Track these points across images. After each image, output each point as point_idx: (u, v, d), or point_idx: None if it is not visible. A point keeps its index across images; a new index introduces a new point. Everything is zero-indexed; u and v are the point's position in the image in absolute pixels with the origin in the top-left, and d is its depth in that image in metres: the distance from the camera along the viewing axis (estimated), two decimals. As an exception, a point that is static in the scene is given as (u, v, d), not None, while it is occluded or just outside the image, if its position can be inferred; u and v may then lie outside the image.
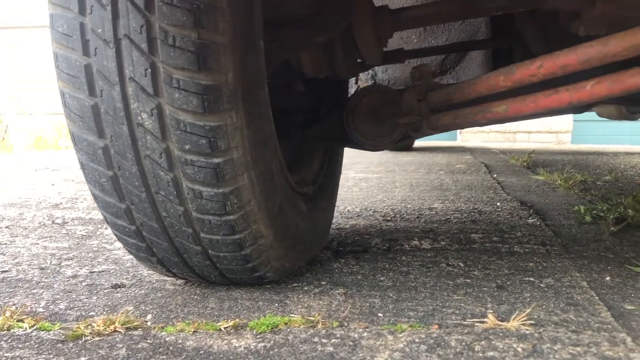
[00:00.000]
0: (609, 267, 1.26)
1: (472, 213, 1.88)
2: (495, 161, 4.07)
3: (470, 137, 8.96)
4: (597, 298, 1.05)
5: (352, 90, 1.92)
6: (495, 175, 3.12)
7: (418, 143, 5.95)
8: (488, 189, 2.49)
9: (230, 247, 0.94)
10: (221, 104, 0.81)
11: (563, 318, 0.94)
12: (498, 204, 2.07)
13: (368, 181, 2.82)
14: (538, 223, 1.70)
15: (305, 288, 1.13)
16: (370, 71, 1.92)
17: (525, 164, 3.74)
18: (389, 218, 1.82)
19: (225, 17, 0.80)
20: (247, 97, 0.86)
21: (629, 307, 1.01)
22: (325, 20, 1.05)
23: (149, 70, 0.78)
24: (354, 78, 1.97)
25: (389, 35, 1.21)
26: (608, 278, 1.19)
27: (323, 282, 1.17)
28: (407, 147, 5.11)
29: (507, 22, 1.38)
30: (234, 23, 0.81)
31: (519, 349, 0.82)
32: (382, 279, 1.19)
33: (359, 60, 1.35)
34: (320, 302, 1.04)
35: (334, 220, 1.78)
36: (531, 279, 1.18)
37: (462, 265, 1.29)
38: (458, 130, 9.20)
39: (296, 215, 1.12)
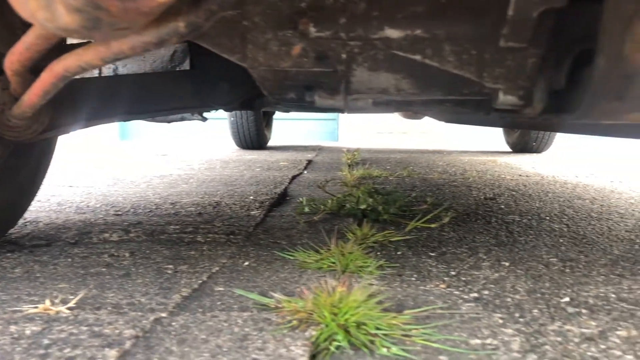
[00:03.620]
0: (263, 253, 1.32)
1: (209, 206, 1.91)
2: (328, 159, 4.20)
3: (352, 136, 9.21)
4: (202, 282, 1.10)
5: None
6: (305, 172, 3.21)
7: (277, 142, 6.03)
8: (272, 184, 2.56)
9: None
10: None
11: (116, 301, 0.97)
12: (251, 197, 2.12)
13: (166, 178, 2.81)
14: (257, 214, 1.77)
15: None
16: (112, 65, 1.91)
17: (349, 161, 3.88)
18: (121, 212, 1.81)
19: None
20: None
21: (219, 289, 1.06)
22: None
23: None
24: (98, 70, 1.95)
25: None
26: (247, 263, 1.25)
27: (-55, 276, 1.14)
28: (260, 146, 5.16)
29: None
30: None
31: (27, 332, 0.83)
32: (16, 271, 1.18)
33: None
34: None
35: (51, 215, 1.75)
36: (170, 266, 1.21)
37: (127, 255, 1.31)
38: (339, 131, 9.48)
39: None
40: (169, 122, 1.90)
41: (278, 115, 8.35)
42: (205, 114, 2.31)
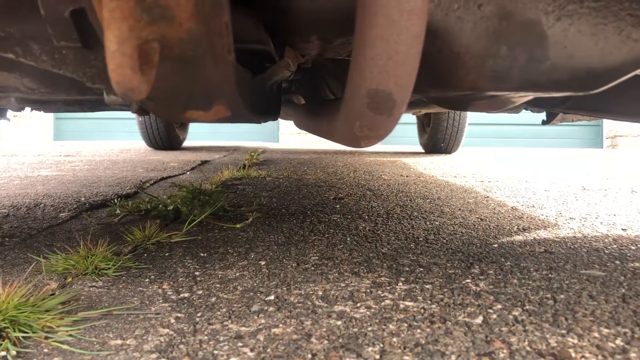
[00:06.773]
0: (21, 255, 1.30)
1: (23, 208, 1.87)
2: (230, 160, 4.19)
3: (293, 138, 9.27)
4: None
5: None
6: (188, 173, 3.19)
7: (204, 142, 5.98)
8: (132, 185, 2.53)
9: None
10: None
11: None
12: (83, 199, 2.09)
13: (29, 179, 2.74)
14: (65, 216, 1.74)
15: None
16: None
17: (247, 162, 3.88)
18: None
19: None
20: None
21: None
22: None
23: None
24: None
25: None
26: (-10, 266, 1.22)
27: None
28: (172, 147, 5.11)
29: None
30: None
31: None
32: None
33: None
34: None
35: None
36: None
37: None
38: (280, 132, 9.55)
39: None
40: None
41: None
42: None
